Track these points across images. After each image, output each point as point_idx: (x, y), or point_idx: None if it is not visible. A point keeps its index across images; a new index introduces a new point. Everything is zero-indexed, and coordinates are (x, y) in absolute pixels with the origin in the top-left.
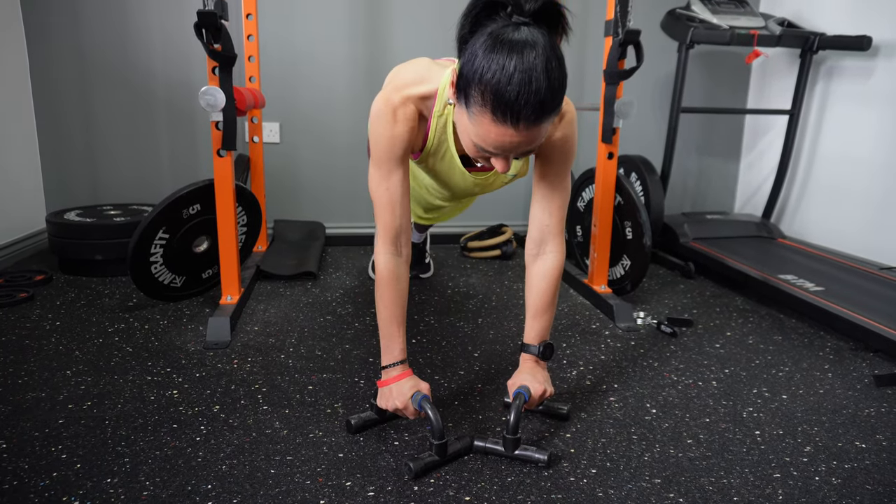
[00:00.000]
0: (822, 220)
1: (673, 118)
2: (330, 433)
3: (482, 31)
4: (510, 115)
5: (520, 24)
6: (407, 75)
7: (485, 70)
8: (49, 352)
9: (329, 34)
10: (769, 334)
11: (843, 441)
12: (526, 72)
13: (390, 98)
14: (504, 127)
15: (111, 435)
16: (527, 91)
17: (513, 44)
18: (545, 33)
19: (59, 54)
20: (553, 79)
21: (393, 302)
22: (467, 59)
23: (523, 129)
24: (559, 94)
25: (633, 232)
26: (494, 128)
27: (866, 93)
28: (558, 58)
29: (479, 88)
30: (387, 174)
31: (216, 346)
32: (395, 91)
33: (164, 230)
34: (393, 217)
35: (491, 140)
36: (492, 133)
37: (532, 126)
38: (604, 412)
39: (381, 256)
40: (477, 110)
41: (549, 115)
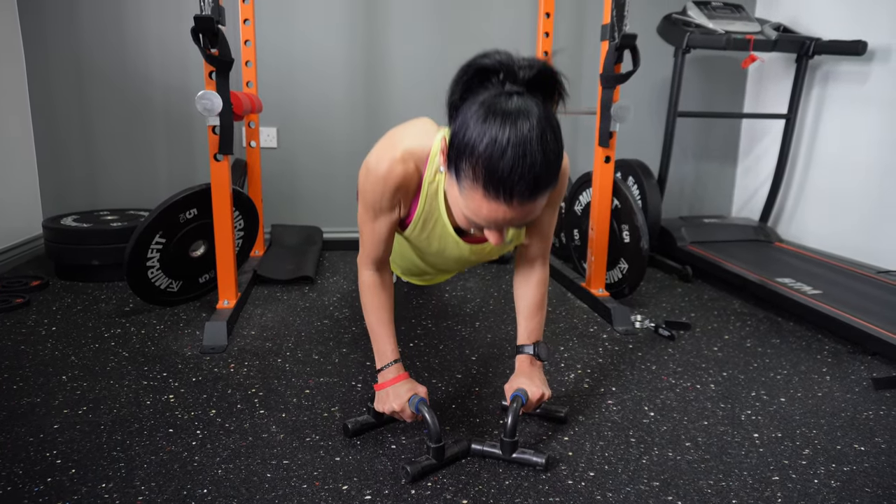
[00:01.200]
0: (818, 223)
1: (670, 122)
2: (327, 437)
3: (473, 98)
4: (503, 192)
5: (513, 92)
6: (404, 133)
7: (476, 143)
8: (44, 357)
9: (327, 39)
10: (767, 337)
11: (842, 444)
12: (520, 145)
13: (386, 153)
14: (497, 203)
15: (106, 440)
16: (521, 166)
17: (506, 115)
18: (540, 102)
19: (56, 60)
20: (549, 151)
21: (378, 307)
22: (458, 128)
23: (517, 205)
24: (555, 166)
25: (631, 235)
26: (486, 203)
27: (862, 97)
28: (554, 129)
29: (470, 162)
30: (373, 217)
31: (213, 350)
32: (391, 146)
33: (160, 235)
34: (376, 250)
35: (483, 215)
36: (483, 208)
37: (527, 202)
38: (602, 415)
39: (364, 271)
40: (468, 185)
41: (545, 190)
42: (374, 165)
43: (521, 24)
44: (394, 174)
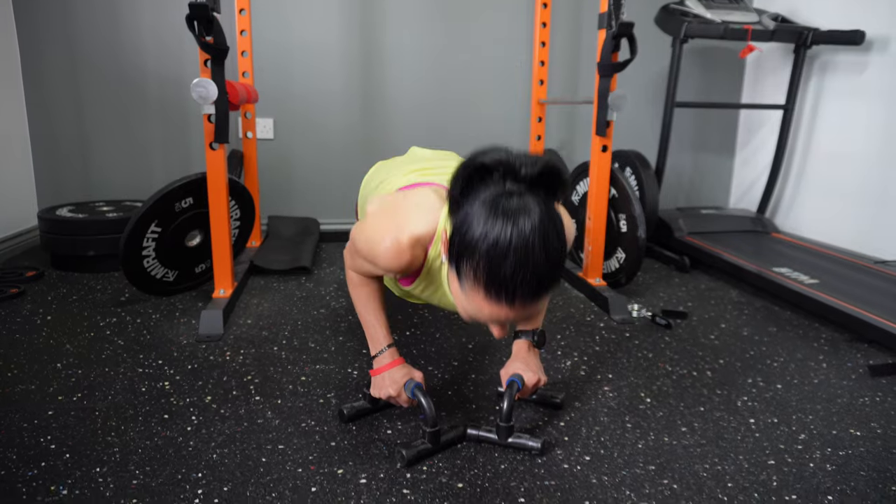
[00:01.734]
0: (816, 215)
1: (667, 113)
2: (322, 422)
3: (475, 195)
4: (505, 296)
5: (514, 192)
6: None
7: (477, 245)
8: (39, 345)
9: (323, 30)
10: (764, 326)
11: (838, 429)
12: (521, 249)
13: (395, 236)
14: (498, 305)
15: (101, 426)
16: (523, 270)
17: (507, 216)
18: (542, 200)
19: (51, 50)
20: (551, 253)
21: (368, 296)
22: (459, 225)
23: (519, 307)
24: (558, 268)
25: (628, 224)
26: (488, 305)
27: (860, 88)
28: (557, 228)
29: (471, 265)
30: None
31: (209, 338)
32: (397, 230)
33: (156, 223)
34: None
35: (485, 315)
36: (485, 309)
37: (529, 304)
38: (598, 401)
39: (352, 273)
40: (469, 285)
41: (549, 290)
42: (377, 246)
43: (518, 14)
44: (399, 261)
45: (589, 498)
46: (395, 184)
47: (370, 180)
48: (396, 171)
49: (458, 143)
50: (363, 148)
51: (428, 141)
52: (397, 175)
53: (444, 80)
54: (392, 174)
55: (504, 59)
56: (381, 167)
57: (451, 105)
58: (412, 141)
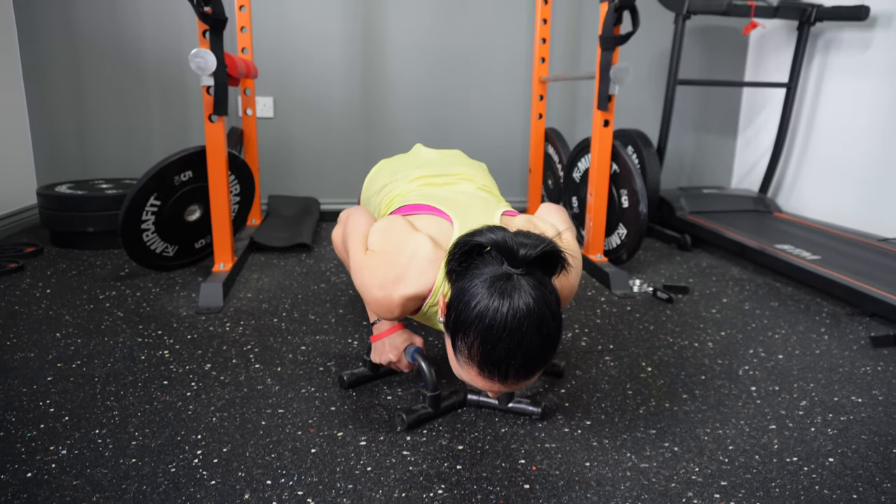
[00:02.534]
0: (819, 194)
1: (669, 90)
2: (322, 388)
3: (473, 271)
4: (498, 375)
5: (511, 274)
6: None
7: (472, 325)
8: (39, 316)
9: (323, 9)
10: (765, 301)
11: (840, 396)
12: (516, 333)
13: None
14: (491, 382)
15: (100, 391)
16: (516, 352)
17: (503, 298)
18: (540, 282)
19: (49, 27)
20: (546, 336)
21: None
22: (455, 300)
23: (512, 383)
24: (552, 348)
25: (630, 200)
26: (481, 380)
27: (864, 65)
28: (552, 312)
29: (466, 343)
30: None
31: (208, 311)
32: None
33: (155, 196)
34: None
35: (479, 385)
36: (479, 382)
37: (522, 381)
38: (599, 370)
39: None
40: (464, 360)
41: (541, 370)
42: (371, 291)
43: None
44: (390, 314)
45: (590, 459)
46: (398, 191)
47: (373, 180)
48: (401, 174)
49: (459, 123)
50: (363, 127)
51: (428, 120)
52: (402, 181)
53: (445, 59)
54: (396, 178)
55: (505, 35)
56: (385, 167)
57: (452, 84)
58: (412, 120)
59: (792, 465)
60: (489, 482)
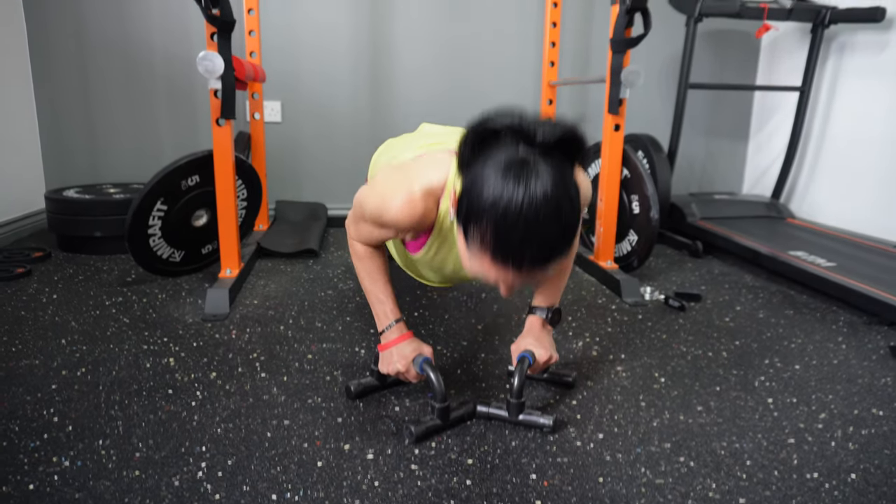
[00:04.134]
0: (832, 200)
1: (680, 94)
2: (329, 399)
3: (486, 156)
4: (512, 262)
5: (527, 158)
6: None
7: (486, 211)
8: (45, 322)
9: (331, 12)
10: (780, 309)
11: (860, 409)
12: (532, 218)
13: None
14: (505, 271)
15: (105, 399)
16: (532, 239)
17: (518, 182)
18: (557, 165)
19: (58, 30)
20: (563, 222)
21: (373, 269)
22: (468, 187)
23: (527, 273)
24: (570, 236)
25: (640, 205)
26: (494, 269)
27: (879, 67)
28: (571, 197)
29: (479, 229)
30: (378, 228)
31: (214, 317)
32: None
33: (162, 201)
34: (372, 242)
35: (491, 277)
36: (492, 272)
37: (537, 270)
38: (610, 381)
39: (356, 245)
40: (476, 249)
41: (557, 259)
42: (390, 201)
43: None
44: (412, 214)
45: (603, 475)
46: (405, 157)
47: (380, 157)
48: (407, 145)
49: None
50: (371, 132)
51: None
52: (408, 150)
53: (453, 63)
54: (402, 149)
55: (514, 39)
56: (392, 144)
57: (460, 89)
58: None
59: (812, 481)
60: (500, 498)
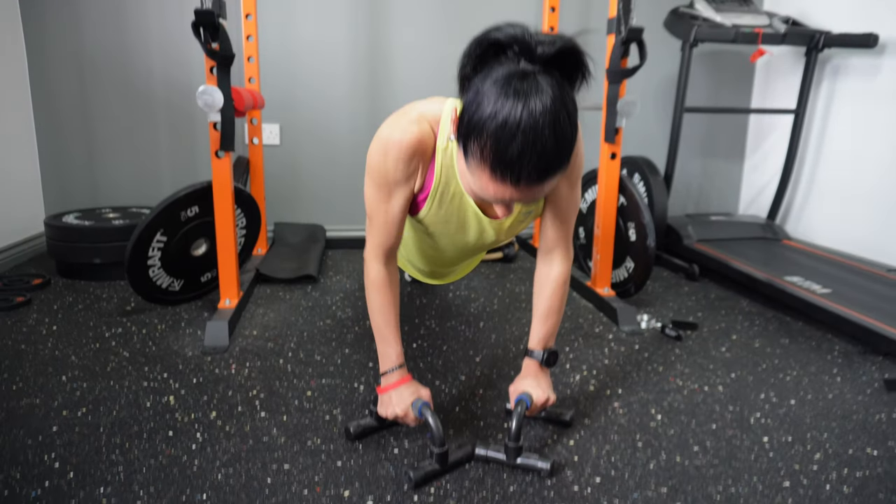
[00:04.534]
0: (828, 221)
1: (676, 118)
2: (328, 440)
3: (486, 73)
4: (510, 175)
5: (528, 71)
6: (415, 103)
7: (485, 124)
8: (45, 357)
9: (330, 35)
10: (776, 337)
11: (854, 448)
12: (530, 130)
13: (398, 120)
14: (504, 185)
15: (105, 442)
16: (531, 151)
17: (517, 96)
18: (557, 82)
19: (58, 56)
20: (561, 136)
21: (385, 306)
22: (468, 104)
23: (525, 187)
24: (567, 151)
25: (637, 233)
26: (493, 184)
27: (873, 91)
28: (569, 112)
29: (479, 143)
30: (387, 196)
31: (214, 350)
32: (402, 114)
33: (161, 233)
34: (388, 237)
35: (490, 193)
36: (490, 188)
37: (535, 185)
38: (608, 418)
39: (371, 265)
40: (475, 163)
41: (556, 173)
42: (388, 133)
43: (525, 21)
44: (409, 136)
45: None
46: None
47: None
48: None
49: None
50: None
51: None
52: None
53: (452, 82)
54: None
55: None
56: None
57: None
58: None
59: None
60: None
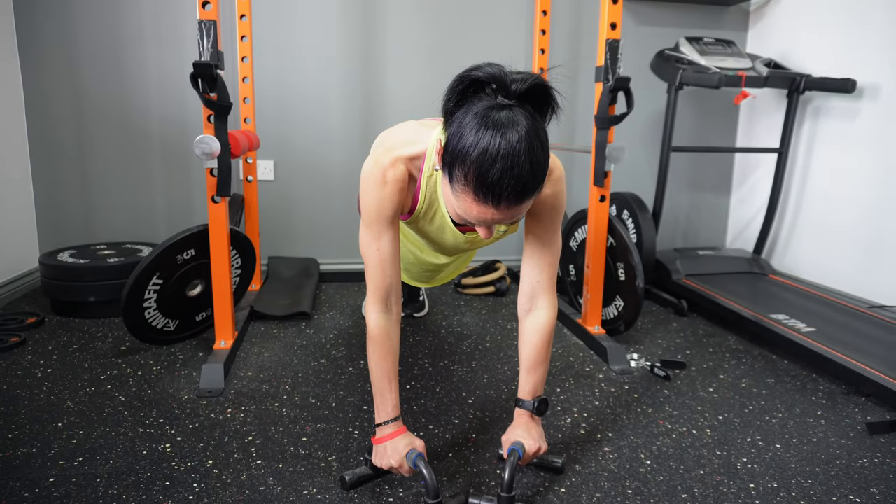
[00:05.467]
0: (812, 255)
1: (664, 157)
2: (324, 489)
3: (468, 107)
4: (492, 197)
5: (504, 105)
6: (395, 138)
7: (468, 152)
8: (40, 402)
9: (324, 72)
10: (762, 377)
11: (837, 495)
12: (508, 156)
13: (380, 159)
14: (486, 206)
15: (102, 494)
16: (508, 175)
17: (497, 127)
18: (530, 114)
19: (55, 93)
20: (535, 162)
21: (384, 358)
22: (452, 134)
23: (504, 208)
24: (541, 175)
25: (626, 273)
26: (476, 206)
27: (852, 133)
28: (541, 140)
29: (463, 169)
30: (377, 235)
31: (209, 393)
32: (385, 152)
33: (158, 276)
34: (384, 276)
35: (473, 215)
36: (474, 210)
37: (513, 206)
38: (598, 464)
39: (372, 315)
40: (460, 188)
41: (531, 196)
42: (372, 169)
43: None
44: (392, 174)
45: None
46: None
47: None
48: None
49: None
50: None
51: None
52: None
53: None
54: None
55: None
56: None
57: None
58: None
59: None
60: None
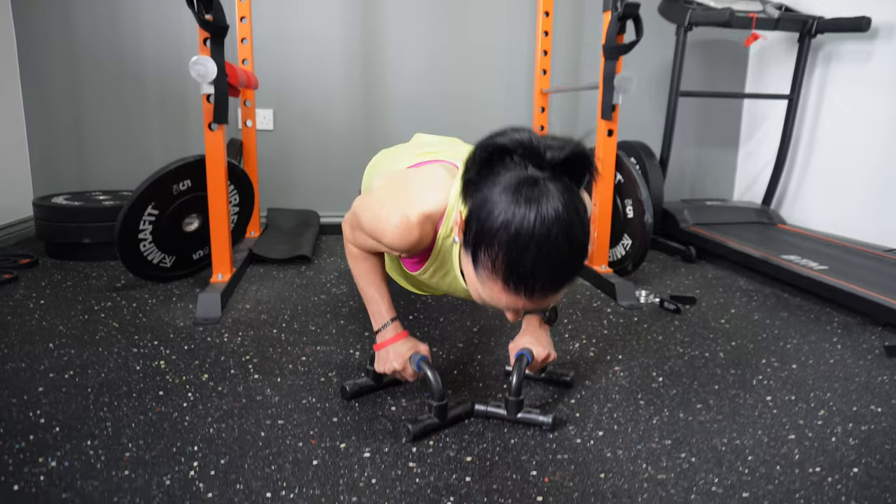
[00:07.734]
0: (822, 206)
1: (672, 102)
2: (324, 399)
3: (493, 178)
4: (524, 288)
5: (537, 178)
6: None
7: (497, 235)
8: (31, 327)
9: (324, 20)
10: (774, 311)
11: (858, 405)
12: (544, 242)
13: (408, 213)
14: (516, 297)
15: (93, 401)
16: (545, 263)
17: (529, 204)
18: (566, 186)
19: (48, 39)
20: (575, 246)
21: (369, 270)
22: (476, 210)
23: (538, 298)
24: (581, 258)
25: (634, 209)
26: (505, 295)
27: (865, 76)
28: (582, 219)
29: (490, 254)
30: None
31: (206, 321)
32: (411, 206)
33: (153, 206)
34: (367, 246)
35: (502, 304)
36: (503, 299)
37: (549, 295)
38: (609, 380)
39: (352, 246)
40: (486, 274)
41: (567, 285)
42: (384, 223)
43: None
44: (408, 239)
45: (604, 471)
46: (403, 164)
47: (374, 167)
48: (403, 154)
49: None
50: (363, 140)
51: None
52: (404, 157)
53: (445, 71)
54: (398, 158)
55: (506, 46)
56: (385, 154)
57: (453, 97)
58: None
59: (815, 475)
60: (500, 494)
